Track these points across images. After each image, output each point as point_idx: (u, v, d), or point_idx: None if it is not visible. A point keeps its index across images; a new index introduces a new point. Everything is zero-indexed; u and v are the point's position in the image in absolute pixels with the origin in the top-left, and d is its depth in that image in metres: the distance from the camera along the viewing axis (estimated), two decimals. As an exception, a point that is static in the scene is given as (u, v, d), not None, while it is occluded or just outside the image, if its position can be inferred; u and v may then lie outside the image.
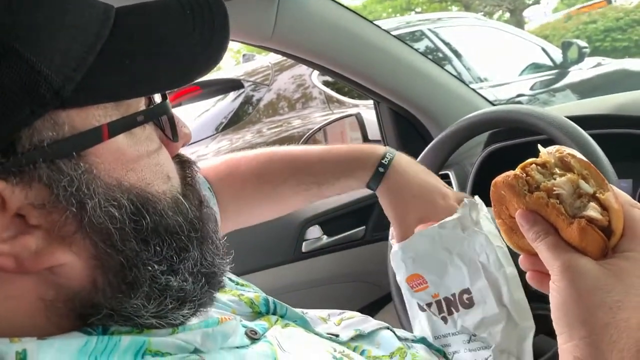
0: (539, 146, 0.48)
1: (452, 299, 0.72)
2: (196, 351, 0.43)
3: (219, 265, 0.47)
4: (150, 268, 0.40)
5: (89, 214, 0.37)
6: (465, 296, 0.71)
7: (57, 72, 0.35)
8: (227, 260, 0.49)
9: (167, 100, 0.44)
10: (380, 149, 0.76)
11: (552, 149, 0.47)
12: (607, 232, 0.42)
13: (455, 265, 0.71)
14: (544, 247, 0.43)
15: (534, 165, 0.45)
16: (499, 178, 0.46)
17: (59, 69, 0.35)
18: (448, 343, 0.74)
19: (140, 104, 0.42)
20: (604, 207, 0.43)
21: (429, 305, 0.74)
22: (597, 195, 0.43)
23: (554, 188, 0.43)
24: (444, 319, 0.73)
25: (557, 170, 0.45)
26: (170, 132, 0.45)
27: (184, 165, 0.48)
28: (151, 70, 0.40)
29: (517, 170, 0.45)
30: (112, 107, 0.39)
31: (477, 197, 0.74)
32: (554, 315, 0.42)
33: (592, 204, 0.43)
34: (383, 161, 0.74)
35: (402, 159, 0.76)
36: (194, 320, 0.46)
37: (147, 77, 0.40)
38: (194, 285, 0.43)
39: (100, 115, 0.38)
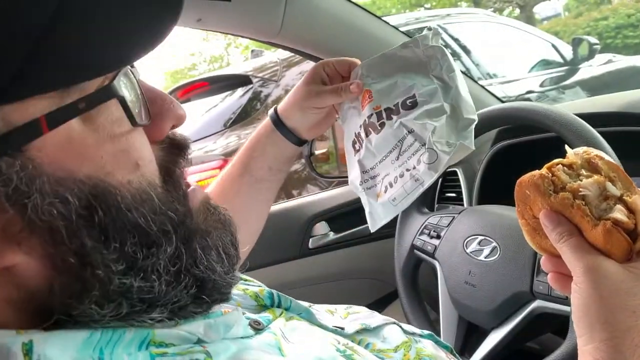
0: (566, 147, 0.48)
1: (394, 108, 0.72)
2: (199, 342, 0.43)
3: (221, 275, 0.44)
4: (104, 267, 0.37)
5: (30, 212, 0.34)
6: (408, 101, 0.71)
7: None
8: (235, 276, 0.47)
9: (117, 80, 0.39)
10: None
11: (579, 150, 0.46)
12: (632, 236, 0.42)
13: (407, 78, 0.73)
14: (567, 248, 0.43)
15: (560, 165, 0.45)
16: (525, 177, 0.46)
17: None
18: (377, 172, 0.75)
19: (94, 87, 0.38)
20: (630, 210, 0.42)
21: (369, 118, 0.74)
22: (624, 197, 0.43)
23: (580, 189, 0.43)
24: (381, 125, 0.73)
25: (583, 172, 0.44)
26: (138, 114, 0.40)
27: (169, 151, 0.45)
28: (91, 52, 0.37)
29: (543, 170, 0.45)
30: (56, 96, 0.36)
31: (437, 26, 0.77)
32: (575, 316, 0.42)
33: (619, 206, 0.42)
34: (270, 113, 0.81)
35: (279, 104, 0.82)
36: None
37: (85, 61, 0.37)
38: (167, 286, 0.40)
39: (42, 106, 0.35)
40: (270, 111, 0.83)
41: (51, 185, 0.35)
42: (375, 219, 0.75)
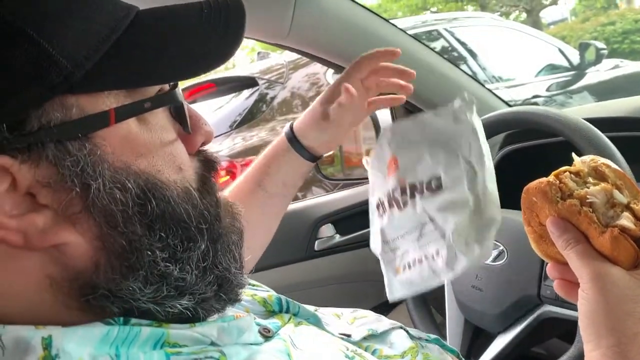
0: (573, 155, 0.48)
1: (418, 186, 0.71)
2: (212, 344, 0.44)
3: (235, 275, 0.47)
4: (151, 253, 0.41)
5: (93, 194, 0.38)
6: (433, 182, 0.70)
7: (68, 59, 0.37)
8: (245, 277, 0.50)
9: (177, 90, 0.44)
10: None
11: (586, 158, 0.46)
12: (639, 243, 0.42)
13: (434, 154, 0.71)
14: (574, 254, 0.43)
15: (567, 173, 0.45)
16: (532, 184, 0.46)
17: (70, 55, 0.37)
18: (397, 246, 0.73)
19: (154, 92, 0.43)
20: (637, 218, 0.43)
21: (394, 191, 0.73)
22: (631, 205, 0.43)
23: (588, 196, 0.43)
24: (404, 203, 0.71)
25: (590, 180, 0.45)
26: (183, 123, 0.46)
27: (205, 163, 0.48)
28: (159, 61, 0.41)
29: (551, 177, 0.45)
30: (124, 94, 0.40)
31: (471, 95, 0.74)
32: (582, 323, 0.42)
33: (626, 213, 0.43)
34: (286, 131, 0.82)
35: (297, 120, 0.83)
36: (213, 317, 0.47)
37: (154, 67, 0.41)
38: (197, 279, 0.44)
39: (111, 101, 0.39)
40: (286, 128, 0.83)
41: (111, 172, 0.39)
42: (393, 292, 0.75)
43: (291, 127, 0.83)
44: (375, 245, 0.76)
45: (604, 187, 0.43)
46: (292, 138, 0.82)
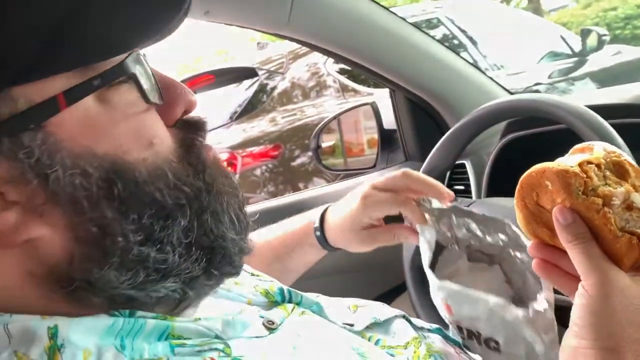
0: (594, 144, 0.46)
1: (476, 334, 0.68)
2: (217, 337, 0.44)
3: (232, 241, 0.46)
4: (124, 237, 0.40)
5: (52, 183, 0.37)
6: (492, 344, 0.66)
7: (5, 50, 0.36)
8: (247, 239, 0.48)
9: (128, 60, 0.41)
10: (312, 216, 0.83)
11: (600, 149, 0.45)
12: None
13: (492, 323, 0.65)
14: (581, 251, 0.43)
15: (592, 165, 0.43)
16: (554, 169, 0.44)
17: (7, 46, 0.36)
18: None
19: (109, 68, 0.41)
20: None
21: (450, 322, 0.70)
22: None
23: (613, 198, 0.42)
24: (462, 338, 0.69)
25: (608, 174, 0.43)
26: (142, 94, 0.42)
27: (186, 126, 0.47)
28: (105, 35, 0.39)
29: (577, 168, 0.43)
30: (74, 76, 0.38)
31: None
32: (581, 321, 0.42)
33: None
34: (315, 226, 0.82)
35: (328, 212, 0.83)
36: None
37: (100, 43, 0.39)
38: (180, 258, 0.42)
39: (61, 85, 0.38)
40: (316, 227, 0.82)
41: (71, 159, 0.38)
42: None
43: (321, 226, 0.82)
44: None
45: (627, 189, 0.43)
46: (323, 239, 0.82)
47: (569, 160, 0.44)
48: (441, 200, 0.72)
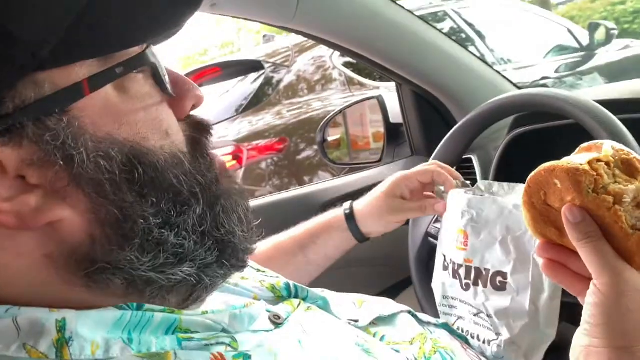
0: (604, 142, 0.46)
1: (484, 273, 0.70)
2: (224, 331, 0.44)
3: (241, 239, 0.47)
4: (144, 220, 0.41)
5: (77, 165, 0.38)
6: (498, 279, 0.69)
7: (32, 36, 0.36)
8: (254, 236, 0.49)
9: (148, 52, 0.43)
10: (338, 210, 0.89)
11: (608, 146, 0.45)
12: None
13: (506, 246, 0.69)
14: (592, 250, 0.42)
15: (602, 163, 0.43)
16: (562, 166, 0.43)
17: (34, 33, 0.36)
18: (455, 305, 0.74)
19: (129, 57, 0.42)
20: None
21: (459, 266, 0.73)
22: None
23: (624, 196, 0.42)
24: (467, 286, 0.72)
25: (617, 172, 0.43)
26: (161, 86, 0.45)
27: (194, 126, 0.48)
28: (126, 25, 0.40)
29: (586, 166, 0.42)
30: (97, 64, 0.40)
31: None
32: (593, 320, 0.42)
33: None
34: (346, 209, 0.87)
35: (355, 202, 0.88)
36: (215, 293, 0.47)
37: (123, 32, 0.40)
38: (195, 245, 0.44)
39: (84, 72, 0.39)
40: (346, 207, 0.88)
41: (94, 143, 0.39)
42: None
43: (351, 208, 0.87)
44: (436, 297, 0.78)
45: (638, 187, 0.42)
46: (352, 220, 0.86)
47: (578, 159, 0.44)
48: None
